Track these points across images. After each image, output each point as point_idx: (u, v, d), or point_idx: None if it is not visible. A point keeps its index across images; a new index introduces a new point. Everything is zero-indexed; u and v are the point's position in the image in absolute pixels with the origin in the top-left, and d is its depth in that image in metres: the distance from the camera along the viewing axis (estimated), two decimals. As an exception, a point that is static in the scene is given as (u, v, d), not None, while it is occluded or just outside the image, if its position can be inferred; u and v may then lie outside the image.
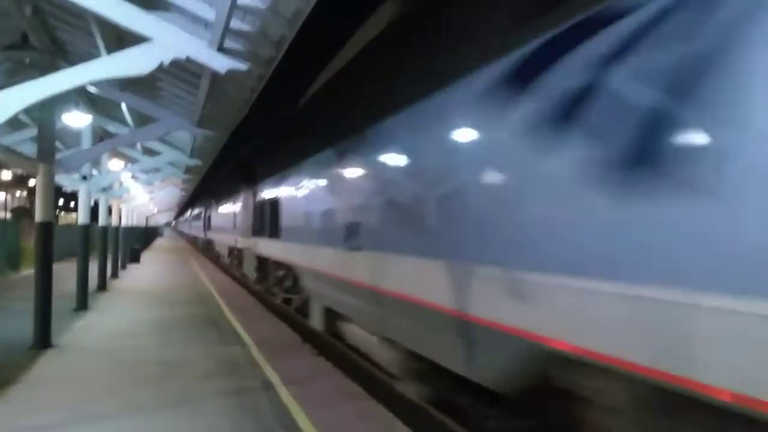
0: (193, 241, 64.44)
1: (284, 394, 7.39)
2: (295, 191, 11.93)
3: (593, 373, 3.94)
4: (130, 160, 19.22)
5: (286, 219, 12.75)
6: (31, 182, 54.08)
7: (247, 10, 6.64)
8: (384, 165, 7.15)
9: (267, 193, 15.33)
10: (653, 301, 3.28)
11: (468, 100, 5.22)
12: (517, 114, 4.49)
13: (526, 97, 4.39)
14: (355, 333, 9.00)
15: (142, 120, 14.10)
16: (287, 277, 14.09)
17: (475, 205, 5.06)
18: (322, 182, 9.92)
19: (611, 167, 3.56)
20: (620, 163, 3.49)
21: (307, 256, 10.79)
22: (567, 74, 3.96)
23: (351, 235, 8.00)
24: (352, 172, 8.30)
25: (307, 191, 10.91)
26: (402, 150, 6.67)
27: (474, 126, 5.16)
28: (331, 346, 10.75)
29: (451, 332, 5.48)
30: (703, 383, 3.04)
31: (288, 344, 10.62)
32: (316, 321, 10.84)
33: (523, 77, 4.44)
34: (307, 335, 11.50)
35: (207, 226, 40.08)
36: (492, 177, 4.96)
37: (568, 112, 3.91)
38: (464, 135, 5.32)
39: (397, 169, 6.77)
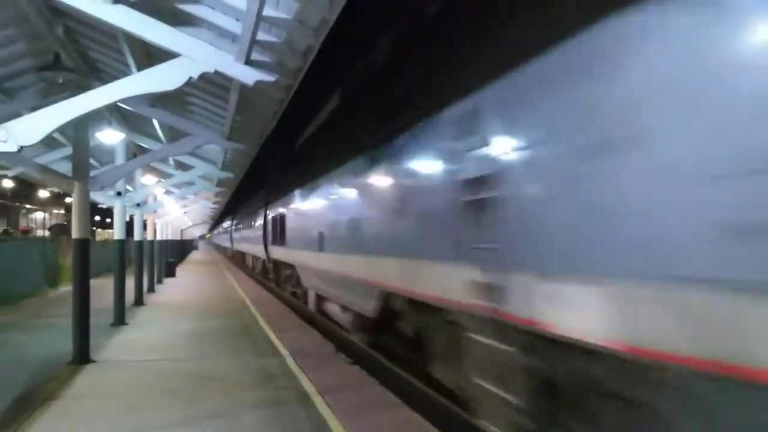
0: (235, 258, 50.34)
1: (320, 403, 7.38)
2: None
3: None
4: (163, 174, 19.46)
5: None
6: (68, 200, 55.01)
7: (272, 22, 6.68)
8: None
9: None
10: None
11: None
12: None
13: None
14: None
15: (173, 135, 14.27)
16: None
17: None
18: None
19: None
20: None
21: None
22: None
23: None
24: None
25: None
26: None
27: None
28: (365, 354, 10.73)
29: None
30: None
31: (322, 353, 10.62)
32: None
33: None
34: (341, 344, 11.50)
35: (275, 236, 20.73)
36: None
37: None
38: None
39: None
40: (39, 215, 65.16)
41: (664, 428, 3.80)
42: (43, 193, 65.26)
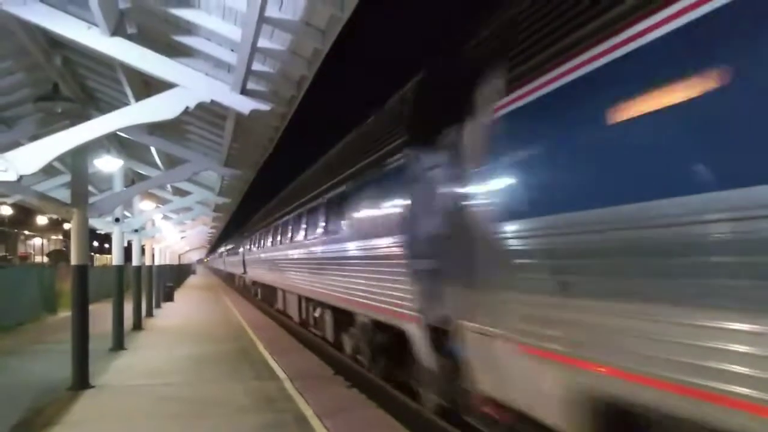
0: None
1: (318, 426, 7.43)
2: None
3: None
4: (161, 200, 19.58)
5: None
6: (66, 226, 55.03)
7: (267, 53, 6.84)
8: None
9: None
10: None
11: None
12: None
13: None
14: None
15: (171, 161, 14.42)
16: None
17: None
18: None
19: None
20: None
21: None
22: None
23: None
24: None
25: None
26: None
27: None
28: (364, 377, 10.79)
29: None
30: None
31: (320, 376, 10.69)
32: None
33: None
34: (340, 367, 11.56)
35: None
36: None
37: None
38: None
39: None
40: (37, 241, 65.11)
41: None
42: (42, 220, 65.33)
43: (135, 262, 18.57)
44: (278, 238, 19.85)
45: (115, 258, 14.49)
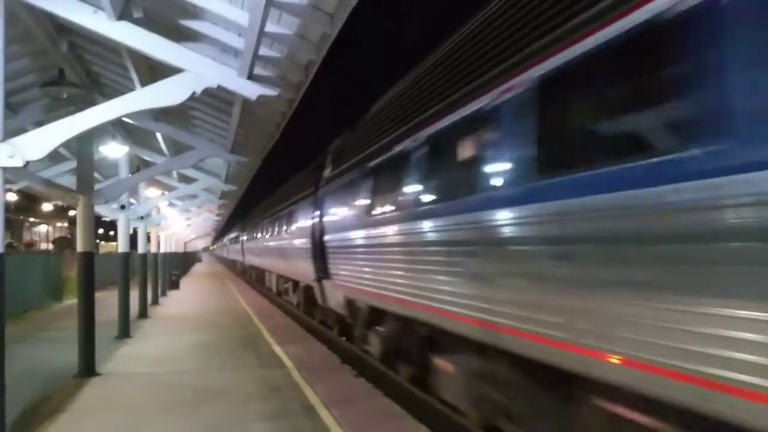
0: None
1: (325, 415, 7.40)
2: None
3: None
4: (166, 187, 19.52)
5: None
6: (71, 213, 55.11)
7: (274, 37, 6.75)
8: None
9: None
10: None
11: None
12: None
13: None
14: None
15: (177, 148, 14.34)
16: None
17: None
18: None
19: None
20: None
21: None
22: None
23: None
24: None
25: None
26: None
27: None
28: (371, 366, 10.75)
29: None
30: None
31: (327, 365, 10.65)
32: None
33: None
34: (346, 356, 11.52)
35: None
36: None
37: None
38: None
39: None
40: (42, 228, 65.29)
41: None
42: (47, 207, 65.40)
43: (140, 249, 18.53)
44: None
45: (121, 245, 14.45)
